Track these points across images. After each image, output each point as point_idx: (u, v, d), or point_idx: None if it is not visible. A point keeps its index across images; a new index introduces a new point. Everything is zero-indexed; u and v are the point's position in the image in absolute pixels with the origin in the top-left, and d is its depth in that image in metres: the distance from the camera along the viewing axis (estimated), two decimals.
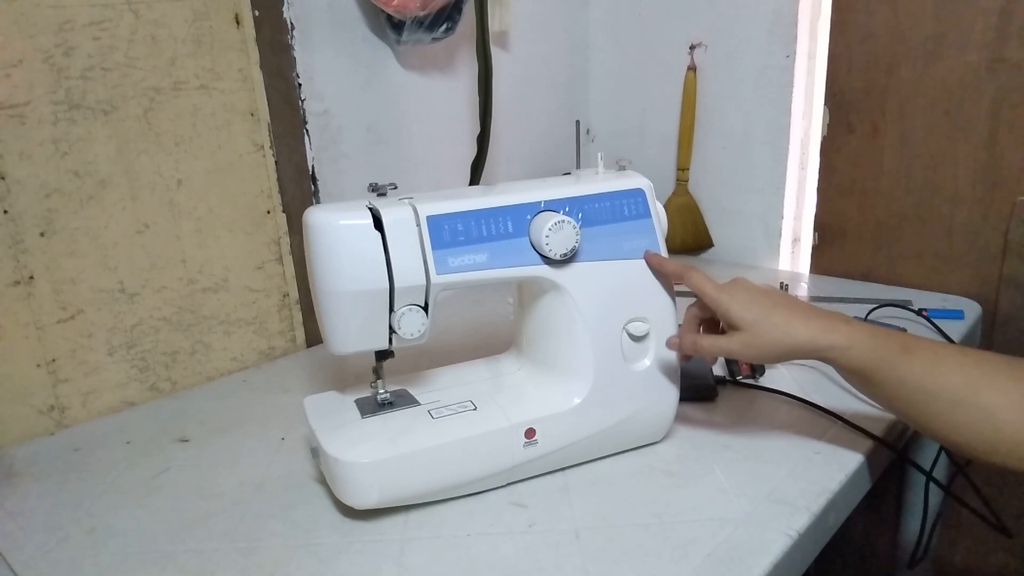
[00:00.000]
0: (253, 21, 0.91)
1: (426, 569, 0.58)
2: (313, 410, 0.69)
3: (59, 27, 0.78)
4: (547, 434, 0.67)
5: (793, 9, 1.16)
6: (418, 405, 0.68)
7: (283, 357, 1.02)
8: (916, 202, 1.11)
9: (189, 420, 0.85)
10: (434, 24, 1.02)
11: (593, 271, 0.67)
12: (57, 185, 0.80)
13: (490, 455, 0.65)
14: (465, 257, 0.63)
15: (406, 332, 0.63)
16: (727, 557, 0.57)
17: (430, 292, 0.63)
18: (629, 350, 0.69)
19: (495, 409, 0.67)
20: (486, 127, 1.05)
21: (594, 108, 1.46)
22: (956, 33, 1.02)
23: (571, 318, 0.67)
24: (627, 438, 0.72)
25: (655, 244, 0.69)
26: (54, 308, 0.82)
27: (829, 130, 1.17)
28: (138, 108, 0.84)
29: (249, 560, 0.60)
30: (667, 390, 0.71)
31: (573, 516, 0.64)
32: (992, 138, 1.03)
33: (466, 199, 0.65)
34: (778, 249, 1.28)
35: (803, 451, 0.71)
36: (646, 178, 0.71)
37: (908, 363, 0.59)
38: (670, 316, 0.70)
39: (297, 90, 0.98)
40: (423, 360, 0.80)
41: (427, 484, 0.64)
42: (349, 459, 0.62)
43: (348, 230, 0.61)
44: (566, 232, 0.64)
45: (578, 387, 0.68)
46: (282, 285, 1.01)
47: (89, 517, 0.67)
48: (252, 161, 0.95)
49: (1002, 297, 1.06)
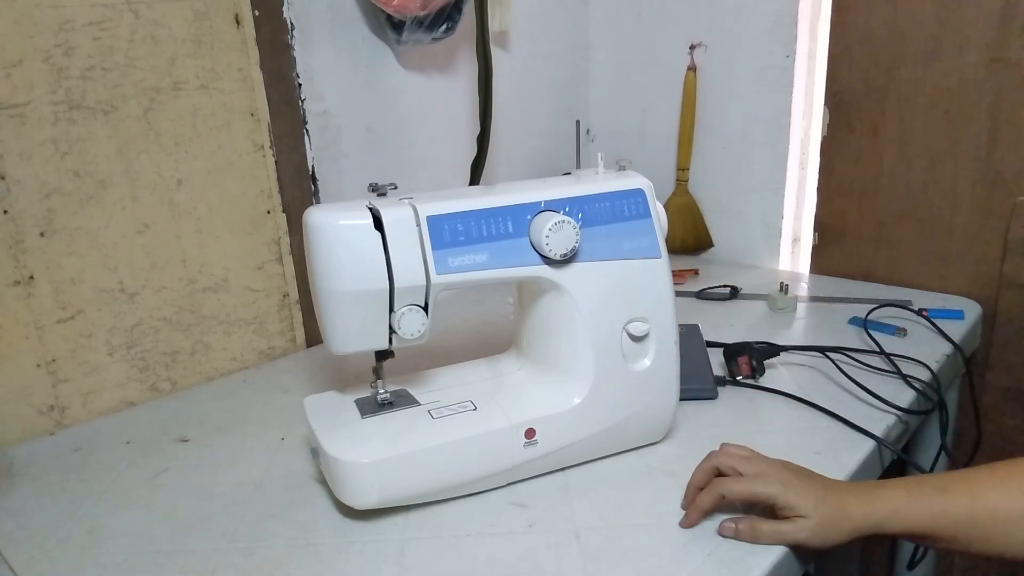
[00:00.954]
0: (253, 21, 0.91)
1: (426, 569, 0.58)
2: (313, 410, 0.69)
3: (59, 27, 0.78)
4: (547, 434, 0.67)
5: (793, 9, 1.16)
6: (418, 405, 0.68)
7: (283, 357, 1.02)
8: (916, 202, 1.11)
9: (189, 420, 0.85)
10: (434, 24, 1.02)
11: (593, 271, 0.67)
12: (57, 185, 0.80)
13: (490, 455, 0.66)
14: (465, 257, 0.63)
15: (406, 332, 0.63)
16: (727, 557, 0.57)
17: (430, 292, 0.63)
18: (629, 350, 0.69)
19: (495, 409, 0.67)
20: (486, 127, 1.05)
21: (594, 108, 1.46)
22: (956, 33, 1.02)
23: (571, 318, 0.67)
24: (627, 438, 0.72)
25: (655, 244, 0.69)
26: (54, 308, 0.82)
27: (829, 130, 1.17)
28: (138, 108, 0.84)
29: (249, 560, 0.60)
30: (667, 390, 0.71)
31: (573, 516, 0.64)
32: (992, 138, 1.03)
33: (466, 199, 0.65)
34: (778, 249, 1.28)
35: (803, 451, 0.71)
36: (646, 178, 0.71)
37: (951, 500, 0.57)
38: (670, 316, 0.70)
39: (297, 90, 0.98)
40: (423, 360, 0.80)
41: (427, 484, 0.64)
42: (349, 459, 0.62)
43: (348, 230, 0.61)
44: (566, 232, 0.64)
45: (578, 387, 0.68)
46: (282, 285, 1.01)
47: (89, 517, 0.67)
48: (252, 161, 0.95)
49: (1002, 297, 1.06)
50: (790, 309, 1.08)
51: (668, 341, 0.70)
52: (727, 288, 1.16)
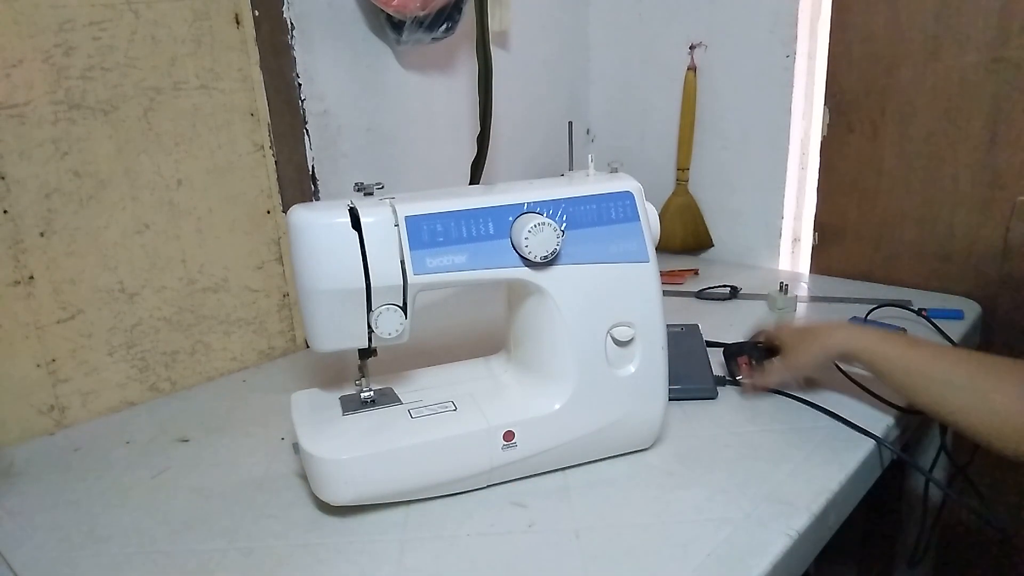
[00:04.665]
0: (253, 21, 0.91)
1: (426, 569, 0.58)
2: (298, 406, 0.69)
3: (59, 27, 0.78)
4: (526, 437, 0.66)
5: (793, 9, 1.16)
6: (399, 404, 0.68)
7: (283, 357, 1.02)
8: (916, 202, 1.11)
9: (189, 420, 0.85)
10: (434, 24, 1.02)
11: (577, 274, 0.66)
12: (57, 185, 0.80)
13: (467, 456, 0.65)
14: (444, 258, 0.63)
15: (383, 331, 0.63)
16: (727, 557, 0.57)
17: (408, 292, 0.63)
18: (614, 355, 0.68)
19: (475, 411, 0.67)
20: (486, 127, 1.05)
21: (594, 108, 1.46)
22: (956, 33, 1.02)
23: (553, 321, 0.67)
24: (612, 444, 0.71)
25: (643, 248, 0.68)
26: (54, 308, 0.82)
27: (829, 130, 1.17)
28: (138, 108, 0.84)
29: (249, 560, 0.60)
30: (654, 397, 0.70)
31: (573, 516, 0.64)
32: (992, 138, 1.03)
33: (448, 200, 0.64)
34: (778, 249, 1.28)
35: (803, 451, 0.71)
36: (636, 181, 0.70)
37: (914, 353, 0.70)
38: (657, 321, 0.69)
39: (297, 90, 0.98)
40: (421, 359, 0.80)
41: (403, 483, 0.64)
42: (323, 455, 0.62)
43: (326, 229, 0.61)
44: (546, 234, 0.63)
45: (560, 391, 0.67)
46: (282, 285, 1.01)
47: (89, 517, 0.67)
48: (252, 161, 0.95)
49: (1002, 297, 1.06)
50: (790, 309, 1.08)
51: (655, 347, 0.69)
52: (727, 288, 1.16)
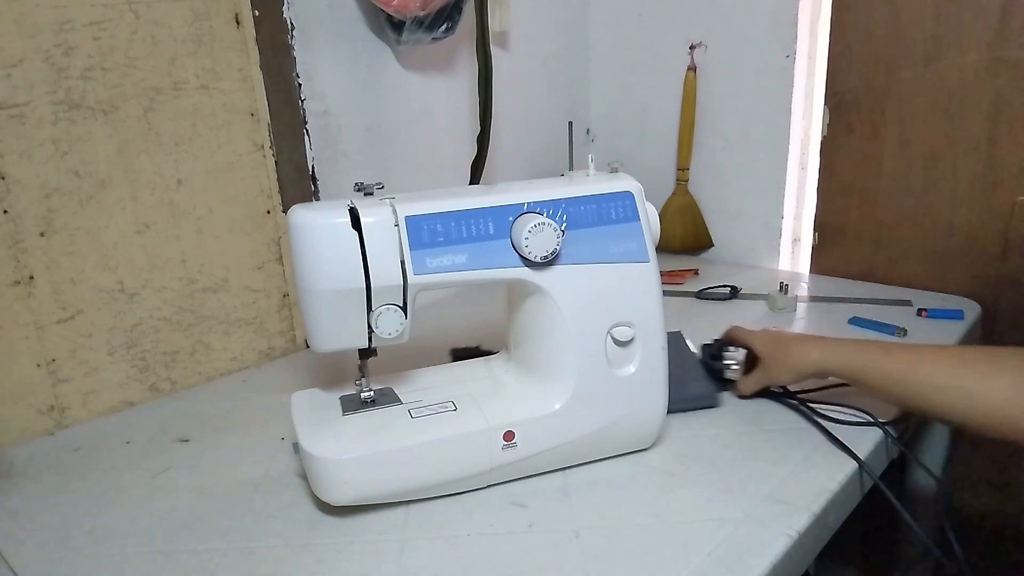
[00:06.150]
0: (253, 21, 0.91)
1: (426, 569, 0.58)
2: (298, 406, 0.69)
3: (59, 27, 0.78)
4: (526, 438, 0.66)
5: (793, 9, 1.16)
6: (400, 404, 0.68)
7: (283, 357, 1.02)
8: (916, 202, 1.11)
9: (189, 420, 0.85)
10: (434, 24, 1.02)
11: (577, 274, 0.66)
12: (57, 185, 0.80)
13: (467, 456, 0.65)
14: (444, 258, 0.63)
15: (383, 332, 0.63)
16: (727, 557, 0.57)
17: (408, 292, 0.63)
18: (614, 355, 0.68)
19: (475, 411, 0.67)
20: (486, 127, 1.05)
21: (594, 108, 1.46)
22: (956, 33, 1.02)
23: (553, 321, 0.66)
24: (612, 444, 0.71)
25: (643, 248, 0.68)
26: (54, 308, 0.82)
27: (829, 130, 1.17)
28: (138, 108, 0.84)
29: (249, 560, 0.60)
30: (654, 397, 0.70)
31: (573, 516, 0.64)
32: (992, 138, 1.03)
33: (448, 200, 0.64)
34: (778, 249, 1.28)
35: (803, 451, 0.71)
36: (636, 181, 0.70)
37: (890, 360, 0.68)
38: (658, 322, 0.69)
39: (297, 90, 0.98)
40: (423, 359, 0.80)
41: (404, 483, 0.64)
42: (323, 455, 0.62)
43: (326, 229, 0.61)
44: (546, 234, 0.63)
45: (560, 391, 0.67)
46: (282, 285, 1.01)
47: (89, 517, 0.67)
48: (252, 161, 0.95)
49: (1002, 297, 1.06)
50: (790, 309, 1.08)
51: (655, 347, 0.69)
52: (727, 288, 1.16)
